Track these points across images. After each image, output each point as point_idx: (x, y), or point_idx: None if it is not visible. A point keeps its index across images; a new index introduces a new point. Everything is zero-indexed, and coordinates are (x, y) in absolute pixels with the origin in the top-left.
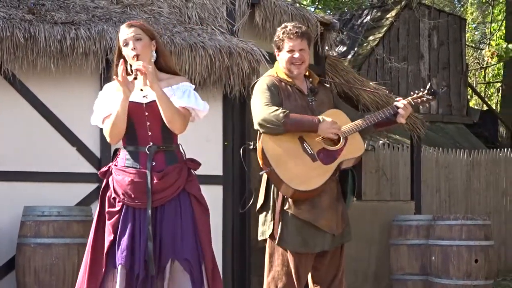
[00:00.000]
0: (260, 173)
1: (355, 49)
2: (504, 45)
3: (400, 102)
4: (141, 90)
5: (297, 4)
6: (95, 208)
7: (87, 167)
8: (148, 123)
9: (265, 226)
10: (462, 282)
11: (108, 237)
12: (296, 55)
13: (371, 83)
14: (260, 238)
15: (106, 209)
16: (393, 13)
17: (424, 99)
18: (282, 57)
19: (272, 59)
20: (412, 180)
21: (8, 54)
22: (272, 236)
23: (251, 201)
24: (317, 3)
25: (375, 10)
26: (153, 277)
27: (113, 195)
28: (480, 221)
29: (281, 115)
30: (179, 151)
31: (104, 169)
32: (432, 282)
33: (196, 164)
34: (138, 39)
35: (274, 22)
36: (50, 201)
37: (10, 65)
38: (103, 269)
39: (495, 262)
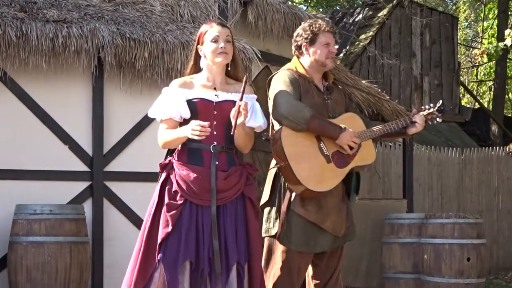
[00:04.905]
0: (274, 166)
1: (347, 47)
2: (494, 44)
3: (418, 117)
4: (214, 89)
5: (289, 3)
6: (87, 207)
7: (79, 166)
8: (215, 122)
9: (268, 223)
10: (454, 281)
11: (164, 229)
12: (333, 48)
13: (363, 81)
14: (264, 234)
15: (166, 201)
16: (385, 11)
17: (434, 116)
18: (318, 50)
19: (264, 57)
20: (404, 178)
21: (0, 52)
22: (275, 233)
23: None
24: (309, 2)
25: (367, 8)
26: (215, 275)
27: (175, 188)
28: (472, 219)
29: (308, 114)
30: (236, 154)
31: (164, 162)
32: (424, 281)
33: (254, 169)
34: (228, 41)
35: (267, 20)
36: (42, 199)
37: (2, 63)
38: (156, 260)
39: (487, 261)
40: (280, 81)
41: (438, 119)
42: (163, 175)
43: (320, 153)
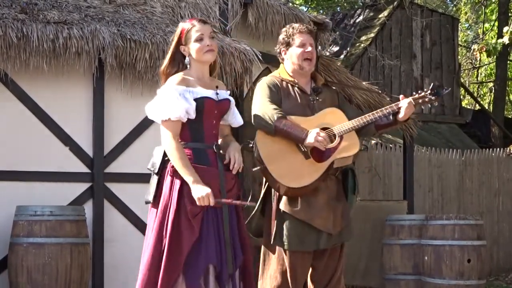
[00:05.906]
0: (253, 169)
1: (348, 48)
2: (493, 41)
3: (403, 101)
4: (217, 87)
5: (290, 4)
6: (88, 208)
7: (79, 167)
8: (214, 121)
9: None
10: (455, 282)
11: (191, 236)
12: (309, 48)
13: (364, 83)
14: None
15: (188, 207)
16: (385, 12)
17: (427, 99)
18: (293, 53)
19: (265, 59)
20: (404, 179)
21: (1, 53)
22: (266, 234)
23: (249, 199)
24: (309, 3)
25: (367, 9)
26: (230, 276)
27: None
28: (472, 221)
29: (276, 116)
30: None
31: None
32: (425, 282)
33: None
34: (212, 37)
35: (267, 21)
36: (42, 200)
37: (3, 65)
38: (181, 267)
39: (487, 262)
40: (259, 87)
41: (434, 102)
42: (179, 180)
43: (298, 150)
